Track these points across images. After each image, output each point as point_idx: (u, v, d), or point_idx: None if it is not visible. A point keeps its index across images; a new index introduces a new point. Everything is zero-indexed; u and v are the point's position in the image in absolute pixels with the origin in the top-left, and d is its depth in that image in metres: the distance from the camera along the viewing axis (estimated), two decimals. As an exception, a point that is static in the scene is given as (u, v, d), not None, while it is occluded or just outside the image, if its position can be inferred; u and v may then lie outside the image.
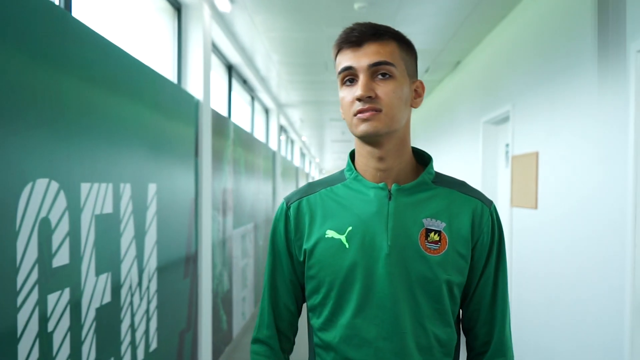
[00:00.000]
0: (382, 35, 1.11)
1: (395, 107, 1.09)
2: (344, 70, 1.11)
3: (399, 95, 1.10)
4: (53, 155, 1.84)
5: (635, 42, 2.39)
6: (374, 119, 1.07)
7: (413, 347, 1.10)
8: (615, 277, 2.55)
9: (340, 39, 1.13)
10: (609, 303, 2.61)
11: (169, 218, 3.07)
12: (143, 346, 2.68)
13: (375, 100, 1.07)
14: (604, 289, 2.66)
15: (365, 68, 1.08)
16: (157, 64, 3.57)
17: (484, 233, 1.16)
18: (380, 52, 1.09)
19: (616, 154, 2.56)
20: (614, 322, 2.55)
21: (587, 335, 2.83)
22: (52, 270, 1.82)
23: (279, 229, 1.22)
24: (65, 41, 1.94)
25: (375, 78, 1.09)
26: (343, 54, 1.13)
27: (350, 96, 1.10)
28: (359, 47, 1.10)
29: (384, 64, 1.08)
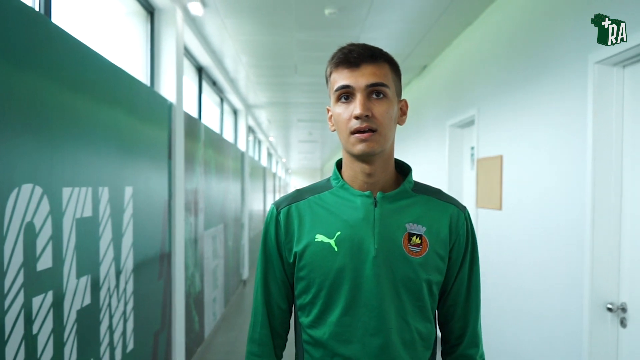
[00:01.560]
0: (378, 58, 1.20)
1: (387, 127, 1.19)
2: (342, 88, 1.19)
3: (390, 114, 1.19)
4: (37, 160, 1.87)
5: (593, 54, 2.53)
6: (371, 140, 1.16)
7: (398, 342, 1.20)
8: (574, 273, 2.70)
9: (338, 58, 1.21)
10: (569, 297, 2.76)
11: (144, 220, 3.10)
12: (121, 347, 2.71)
13: (371, 120, 1.16)
14: (564, 284, 2.81)
15: (363, 88, 1.17)
16: (131, 68, 3.59)
17: (460, 235, 1.27)
18: (377, 73, 1.18)
19: (574, 158, 2.70)
20: (574, 314, 2.70)
21: (550, 328, 2.98)
22: (36, 273, 1.86)
23: (270, 233, 1.29)
24: (46, 47, 1.97)
25: (371, 97, 1.18)
26: (340, 72, 1.20)
27: (347, 113, 1.18)
28: (357, 68, 1.18)
29: (380, 85, 1.17)
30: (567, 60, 2.82)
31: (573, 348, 2.71)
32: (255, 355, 1.32)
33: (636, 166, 2.39)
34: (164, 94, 3.81)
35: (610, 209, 2.52)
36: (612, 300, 2.51)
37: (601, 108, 2.52)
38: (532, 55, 3.24)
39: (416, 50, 5.22)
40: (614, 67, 2.50)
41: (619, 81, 2.50)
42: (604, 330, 2.53)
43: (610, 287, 2.52)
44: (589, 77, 2.57)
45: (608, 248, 2.52)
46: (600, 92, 2.52)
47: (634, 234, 2.41)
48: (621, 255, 2.51)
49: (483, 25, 4.14)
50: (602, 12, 2.50)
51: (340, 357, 1.20)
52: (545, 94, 3.05)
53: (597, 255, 2.53)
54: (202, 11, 4.07)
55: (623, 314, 2.47)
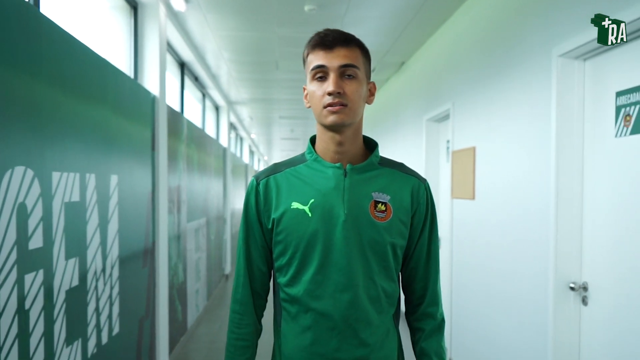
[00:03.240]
0: (350, 42, 1.33)
1: (357, 103, 1.32)
2: (317, 68, 1.32)
3: (360, 93, 1.33)
4: (28, 145, 1.97)
5: (557, 47, 2.69)
6: (341, 112, 1.30)
7: (365, 297, 1.33)
8: (540, 255, 2.86)
9: (315, 41, 1.34)
10: (535, 278, 2.91)
11: (128, 209, 3.20)
12: (107, 329, 2.81)
13: (342, 96, 1.30)
14: (531, 266, 2.97)
15: (336, 68, 1.30)
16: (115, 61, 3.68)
17: (421, 204, 1.42)
18: (349, 56, 1.31)
19: (540, 149, 2.86)
20: (540, 294, 2.86)
21: (518, 307, 3.13)
22: (28, 252, 1.96)
23: (250, 202, 1.43)
24: (36, 39, 2.06)
25: (343, 77, 1.31)
26: (316, 53, 1.33)
27: (320, 91, 1.32)
28: (331, 50, 1.31)
29: (351, 66, 1.31)
30: (533, 54, 2.97)
31: (540, 325, 2.86)
32: (237, 312, 1.45)
33: (597, 155, 2.54)
34: (147, 87, 3.90)
35: (572, 195, 2.67)
36: (574, 280, 2.67)
37: (564, 100, 2.68)
38: (501, 51, 3.39)
39: (394, 46, 5.36)
40: (575, 60, 2.66)
41: (580, 74, 2.66)
42: (567, 308, 2.69)
43: (573, 267, 2.68)
44: (552, 70, 2.72)
45: (570, 231, 2.68)
46: (563, 85, 2.68)
47: (594, 218, 2.57)
48: (583, 238, 2.66)
49: (456, 23, 4.29)
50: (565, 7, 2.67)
51: (314, 311, 1.33)
52: (514, 87, 3.20)
53: (561, 238, 2.68)
54: (184, 6, 4.17)
55: (585, 293, 2.63)
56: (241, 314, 1.45)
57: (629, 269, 2.29)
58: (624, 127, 2.35)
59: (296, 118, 10.80)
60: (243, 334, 1.45)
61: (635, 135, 2.26)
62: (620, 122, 2.37)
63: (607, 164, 2.47)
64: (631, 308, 2.27)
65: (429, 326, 1.46)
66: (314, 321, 1.33)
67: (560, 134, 2.69)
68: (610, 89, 2.44)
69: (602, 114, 2.50)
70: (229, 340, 1.46)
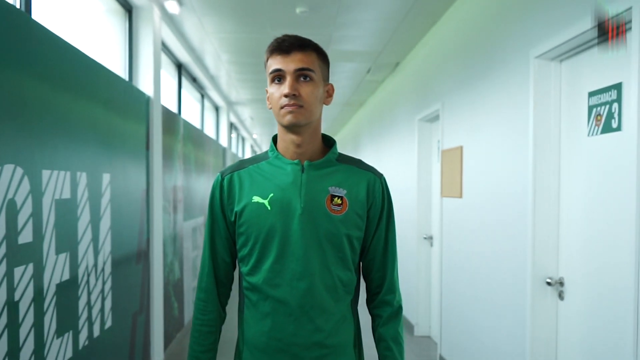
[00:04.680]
0: (306, 47, 1.42)
1: (312, 104, 1.41)
2: (275, 71, 1.41)
3: (315, 94, 1.41)
4: (17, 144, 2.06)
5: (534, 49, 2.76)
6: (297, 112, 1.38)
7: (321, 286, 1.42)
8: (519, 251, 2.93)
9: (272, 46, 1.43)
10: (514, 273, 2.99)
11: (122, 206, 3.29)
12: (99, 323, 2.90)
13: (298, 98, 1.38)
14: (510, 262, 3.04)
15: (292, 71, 1.39)
16: (109, 63, 3.78)
17: (377, 198, 1.50)
18: (304, 60, 1.40)
19: (519, 148, 2.93)
20: (519, 288, 2.94)
21: (499, 301, 3.21)
22: (18, 246, 2.05)
23: (215, 196, 1.52)
24: (26, 41, 2.16)
25: (299, 80, 1.39)
26: (274, 58, 1.42)
27: (278, 93, 1.40)
28: (287, 55, 1.40)
29: (306, 69, 1.39)
30: (512, 56, 3.05)
31: (518, 319, 2.94)
32: (202, 300, 1.54)
33: (573, 154, 2.62)
34: (142, 88, 3.99)
35: (549, 192, 2.75)
36: (551, 275, 2.74)
37: (541, 100, 2.75)
38: (484, 53, 3.47)
39: (387, 47, 5.44)
40: (552, 62, 2.73)
41: (557, 75, 2.73)
42: (544, 302, 2.76)
43: (550, 263, 2.75)
44: (530, 71, 2.80)
45: (547, 228, 2.75)
46: (540, 86, 2.75)
47: (570, 214, 2.64)
48: (559, 234, 2.74)
49: (445, 25, 4.37)
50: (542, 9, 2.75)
51: (272, 298, 1.42)
52: (496, 89, 3.28)
53: (538, 234, 2.76)
54: (178, 9, 4.26)
55: (561, 288, 2.70)
56: (205, 302, 1.54)
57: (603, 263, 2.36)
58: (595, 126, 2.42)
59: (297, 118, 10.85)
60: (207, 320, 1.54)
61: (605, 135, 2.34)
62: (592, 122, 2.45)
63: (581, 163, 2.54)
64: (605, 302, 2.34)
65: (386, 313, 1.54)
66: (273, 308, 1.42)
67: (537, 134, 2.76)
68: (584, 89, 2.51)
69: (577, 113, 2.57)
70: (194, 326, 1.55)
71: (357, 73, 6.70)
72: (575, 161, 2.60)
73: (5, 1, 2.02)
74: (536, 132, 2.76)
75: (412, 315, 5.43)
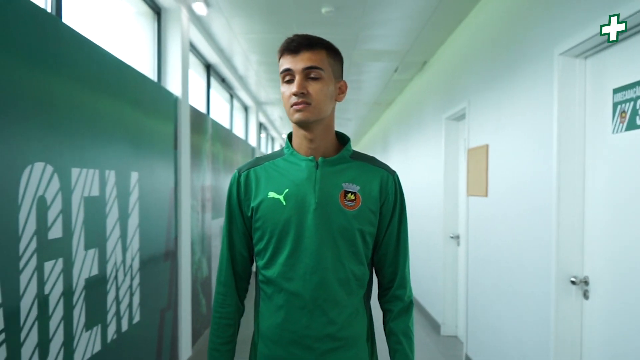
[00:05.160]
0: (314, 45, 1.44)
1: (321, 102, 1.43)
2: (285, 71, 1.44)
3: (325, 92, 1.44)
4: (48, 142, 2.14)
5: (558, 46, 2.74)
6: (305, 110, 1.41)
7: (333, 279, 1.45)
8: (543, 249, 2.91)
9: (282, 47, 1.46)
10: (539, 271, 2.97)
11: (150, 204, 3.37)
12: (127, 318, 2.98)
13: (306, 96, 1.41)
14: (535, 260, 3.02)
15: (300, 70, 1.42)
16: (139, 64, 3.87)
17: (389, 194, 1.52)
18: (312, 58, 1.42)
19: (544, 146, 2.91)
20: (543, 287, 2.91)
21: (523, 300, 3.19)
22: (48, 241, 2.12)
23: (232, 192, 1.56)
24: (57, 44, 2.24)
25: (308, 78, 1.42)
26: (284, 58, 1.45)
27: (288, 91, 1.44)
28: (296, 54, 1.43)
29: (314, 68, 1.42)
30: (537, 53, 3.03)
31: (542, 318, 2.92)
32: (221, 294, 1.59)
33: (597, 151, 2.59)
34: (170, 88, 4.07)
35: (574, 190, 2.72)
36: (575, 274, 2.71)
37: (565, 98, 2.72)
38: (510, 50, 3.45)
39: (414, 46, 5.43)
40: (576, 59, 2.70)
41: (581, 72, 2.70)
42: (569, 301, 2.73)
43: (574, 262, 2.72)
44: (554, 68, 2.77)
45: (572, 226, 2.72)
46: (564, 83, 2.72)
47: (595, 213, 2.61)
48: (584, 232, 2.71)
49: (472, 23, 4.35)
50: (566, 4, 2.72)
51: (286, 291, 1.46)
52: (521, 87, 3.25)
53: (562, 232, 2.73)
54: (205, 11, 4.33)
55: (586, 287, 2.67)
56: (224, 295, 1.59)
57: (628, 262, 2.33)
58: (619, 123, 2.39)
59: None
60: (225, 313, 1.58)
61: (630, 132, 2.31)
62: (616, 119, 2.42)
63: (606, 160, 2.51)
64: (631, 301, 2.30)
65: (397, 307, 1.57)
66: (286, 300, 1.46)
67: (561, 131, 2.74)
68: (608, 86, 2.48)
69: (601, 111, 2.54)
70: (213, 318, 1.60)
71: (385, 72, 6.70)
72: (599, 158, 2.57)
73: (37, 5, 2.09)
74: (560, 130, 2.74)
75: (439, 315, 5.41)
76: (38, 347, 2.04)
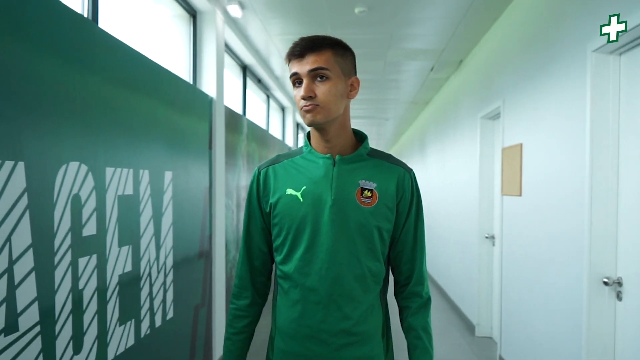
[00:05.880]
0: (319, 47, 1.45)
1: (330, 102, 1.45)
2: (293, 75, 1.47)
3: (333, 92, 1.45)
4: (83, 142, 2.22)
5: (591, 42, 2.69)
6: (314, 112, 1.44)
7: (349, 275, 1.47)
8: (576, 250, 2.86)
9: (288, 52, 1.48)
10: (572, 272, 2.91)
11: (184, 203, 3.44)
12: (160, 314, 3.05)
13: (314, 99, 1.44)
14: (568, 261, 2.97)
15: (306, 73, 1.44)
16: (175, 65, 3.96)
17: (406, 192, 1.54)
18: (317, 60, 1.44)
19: (577, 145, 2.86)
20: (576, 292, 2.86)
21: (556, 305, 3.14)
22: (82, 238, 2.20)
23: (252, 189, 1.60)
24: (92, 47, 2.32)
25: (315, 80, 1.44)
26: (292, 63, 1.48)
27: (298, 95, 1.46)
28: (302, 58, 1.45)
29: (320, 69, 1.43)
30: (569, 50, 2.98)
31: (575, 318, 2.87)
32: (237, 286, 1.65)
33: (631, 150, 2.53)
34: (205, 89, 4.15)
35: (607, 190, 2.67)
36: (608, 274, 2.66)
37: (598, 95, 2.67)
38: (543, 48, 3.40)
39: (449, 45, 5.39)
40: (610, 55, 2.65)
41: (616, 69, 2.64)
42: (602, 302, 2.68)
43: (607, 262, 2.67)
44: (587, 65, 2.72)
45: (605, 226, 2.67)
46: (598, 80, 2.67)
47: (630, 213, 2.55)
48: (618, 233, 2.65)
49: (507, 20, 4.29)
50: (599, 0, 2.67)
51: (302, 286, 1.49)
52: (555, 84, 3.20)
53: (595, 233, 2.69)
54: (240, 13, 4.40)
55: (619, 288, 2.62)
56: (240, 288, 1.64)
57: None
58: (654, 121, 2.34)
59: (363, 118, 10.91)
60: (240, 305, 1.64)
61: (664, 130, 2.25)
62: (651, 117, 2.36)
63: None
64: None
65: (415, 304, 1.58)
66: (302, 295, 1.49)
67: (594, 130, 2.69)
68: (643, 83, 2.43)
69: (635, 108, 2.49)
70: (230, 309, 1.67)
71: (422, 71, 6.66)
72: (633, 158, 2.51)
73: (74, 11, 2.18)
74: (593, 128, 2.69)
75: (473, 315, 5.35)
76: (72, 339, 2.12)
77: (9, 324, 1.76)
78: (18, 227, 1.79)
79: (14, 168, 1.78)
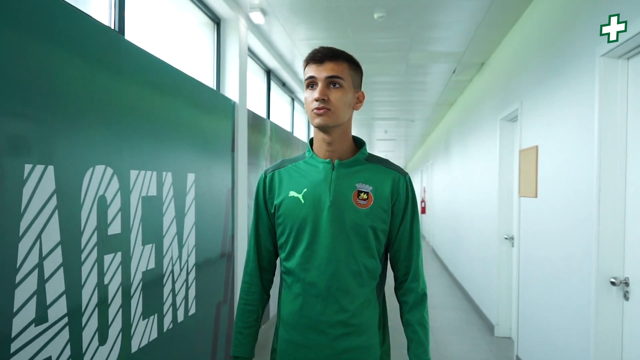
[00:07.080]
0: (337, 57, 1.59)
1: (340, 108, 1.57)
2: (309, 78, 1.59)
3: (344, 100, 1.58)
4: (108, 146, 2.37)
5: (599, 47, 2.74)
6: (325, 115, 1.56)
7: (346, 271, 1.59)
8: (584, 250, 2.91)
9: (308, 57, 1.61)
10: (580, 276, 2.97)
11: (206, 204, 3.59)
12: (183, 309, 3.20)
13: (327, 102, 1.55)
14: (577, 265, 3.02)
15: (323, 78, 1.56)
16: (200, 71, 4.11)
17: (401, 195, 1.65)
18: (335, 69, 1.57)
19: (586, 148, 2.91)
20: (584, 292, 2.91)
21: (566, 304, 3.19)
22: (107, 236, 2.35)
23: (259, 191, 1.73)
24: (119, 57, 2.47)
25: (330, 87, 1.56)
26: (309, 67, 1.60)
27: (311, 97, 1.58)
28: (321, 64, 1.58)
29: (336, 77, 1.56)
30: (580, 54, 3.03)
31: (583, 317, 2.93)
32: (246, 282, 1.78)
33: (639, 153, 2.58)
34: (228, 94, 4.30)
35: (615, 192, 2.72)
36: (616, 274, 2.71)
37: (607, 99, 2.73)
38: (558, 52, 3.45)
39: (470, 48, 5.44)
40: (618, 60, 2.70)
41: (624, 73, 2.69)
42: (609, 302, 2.73)
43: (615, 263, 2.72)
44: (595, 70, 2.78)
45: (612, 227, 2.72)
46: (606, 84, 2.73)
47: (637, 214, 2.60)
48: (625, 233, 2.70)
49: (525, 24, 4.34)
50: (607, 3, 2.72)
51: (303, 281, 1.61)
52: (568, 88, 3.26)
53: (602, 233, 2.74)
54: (262, 19, 4.54)
55: (626, 288, 2.67)
56: (249, 284, 1.77)
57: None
58: (658, 125, 2.39)
59: (390, 119, 10.98)
60: (250, 300, 1.76)
61: (668, 133, 2.30)
62: (656, 121, 2.41)
63: (647, 162, 2.51)
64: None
65: (411, 299, 1.69)
66: (303, 289, 1.62)
67: (602, 133, 2.74)
68: (650, 87, 2.48)
69: (642, 112, 2.54)
70: (239, 304, 1.78)
71: (445, 73, 6.72)
72: (641, 160, 2.57)
73: (102, 23, 2.33)
74: (601, 131, 2.74)
75: (493, 316, 5.40)
76: (98, 331, 2.27)
77: (39, 315, 1.91)
78: (48, 226, 1.95)
79: (44, 171, 1.93)
